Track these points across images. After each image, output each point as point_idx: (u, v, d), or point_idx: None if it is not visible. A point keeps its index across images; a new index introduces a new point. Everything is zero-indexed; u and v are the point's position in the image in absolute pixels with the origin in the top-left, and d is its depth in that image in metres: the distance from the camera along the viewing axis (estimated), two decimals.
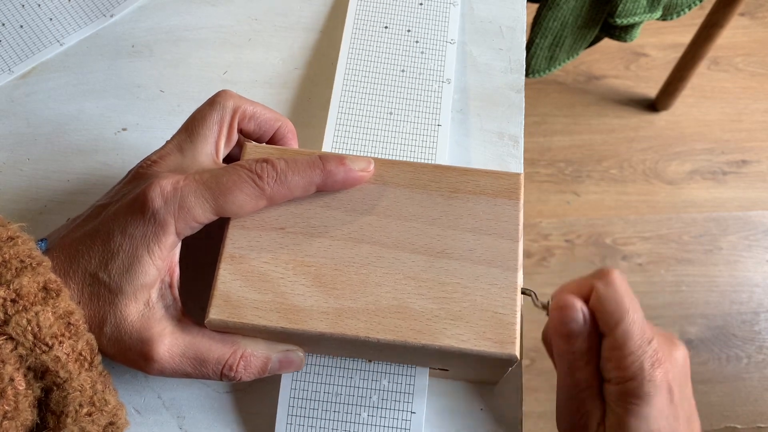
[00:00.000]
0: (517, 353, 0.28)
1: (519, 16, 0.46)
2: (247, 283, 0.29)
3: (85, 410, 0.27)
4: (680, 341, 0.31)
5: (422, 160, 0.39)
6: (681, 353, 0.30)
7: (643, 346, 0.28)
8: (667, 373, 0.28)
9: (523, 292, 0.30)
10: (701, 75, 1.28)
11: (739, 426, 1.02)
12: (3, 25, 0.45)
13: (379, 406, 0.33)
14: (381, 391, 0.33)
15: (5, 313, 0.25)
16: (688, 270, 1.12)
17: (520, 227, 0.30)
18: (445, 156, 0.40)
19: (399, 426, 0.32)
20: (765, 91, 1.28)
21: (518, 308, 0.29)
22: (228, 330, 0.30)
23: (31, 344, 0.25)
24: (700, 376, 1.05)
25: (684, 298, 1.10)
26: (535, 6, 0.77)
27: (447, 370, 0.33)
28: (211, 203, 0.29)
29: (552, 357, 0.32)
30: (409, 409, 0.32)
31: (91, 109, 0.43)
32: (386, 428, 0.32)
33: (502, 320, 0.28)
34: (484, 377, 0.34)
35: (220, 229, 0.31)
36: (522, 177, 0.32)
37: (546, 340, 0.33)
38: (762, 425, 1.02)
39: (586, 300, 0.30)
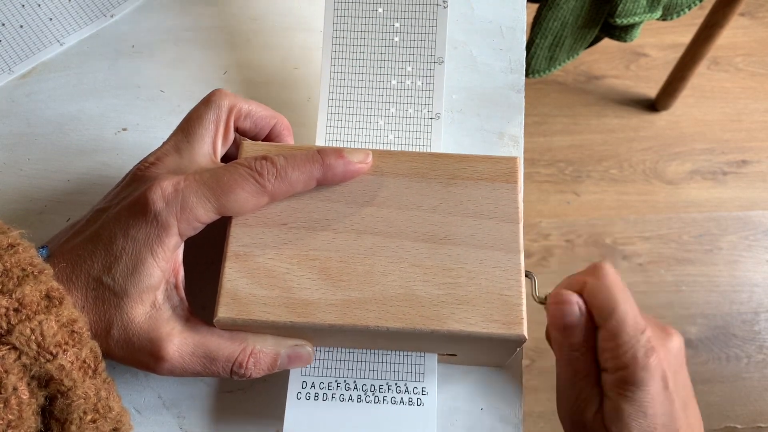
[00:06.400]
0: (525, 333, 0.28)
1: (519, 16, 0.46)
2: (253, 280, 0.29)
3: (89, 417, 0.26)
4: (675, 331, 0.32)
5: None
6: (676, 342, 0.31)
7: (636, 335, 0.29)
8: (660, 361, 0.29)
9: (525, 275, 0.30)
10: (701, 75, 1.28)
11: (739, 426, 1.02)
12: (3, 25, 0.45)
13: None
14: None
15: (8, 322, 0.25)
16: (688, 270, 1.12)
17: (520, 210, 0.31)
18: (441, 111, 0.39)
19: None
20: (765, 91, 1.28)
21: (523, 289, 0.29)
22: (237, 328, 0.29)
23: (35, 353, 0.25)
24: (700, 376, 1.05)
25: (684, 298, 1.10)
26: (535, 6, 0.77)
27: (455, 355, 0.33)
28: (213, 202, 0.29)
29: (554, 349, 0.33)
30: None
31: (91, 109, 0.43)
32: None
33: (508, 302, 0.29)
34: (491, 360, 0.34)
35: (219, 229, 0.31)
36: (519, 160, 0.32)
37: (549, 336, 0.33)
38: (762, 425, 1.02)
39: (581, 295, 0.31)
